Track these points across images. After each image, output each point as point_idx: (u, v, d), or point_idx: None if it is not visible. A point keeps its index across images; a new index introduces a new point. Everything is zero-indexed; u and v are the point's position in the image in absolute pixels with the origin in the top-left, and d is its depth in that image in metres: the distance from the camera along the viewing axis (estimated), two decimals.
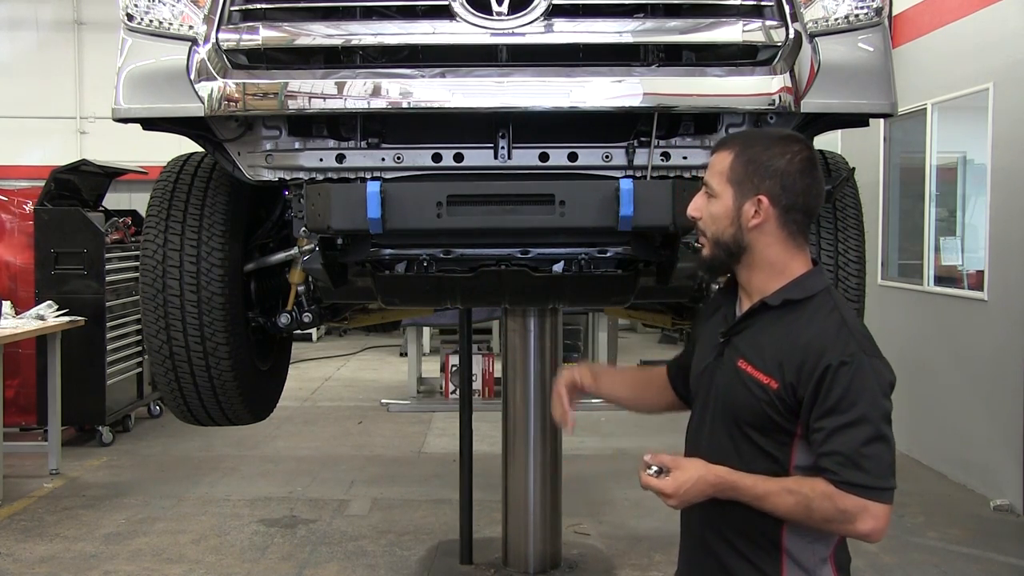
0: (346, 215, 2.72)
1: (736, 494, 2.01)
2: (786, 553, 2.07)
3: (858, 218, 3.07)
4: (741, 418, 2.08)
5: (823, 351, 1.99)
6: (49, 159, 12.26)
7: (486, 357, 9.73)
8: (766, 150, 2.09)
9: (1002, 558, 5.56)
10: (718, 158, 2.14)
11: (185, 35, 2.73)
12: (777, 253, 2.11)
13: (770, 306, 2.10)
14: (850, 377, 1.97)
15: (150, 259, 3.15)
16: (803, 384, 1.99)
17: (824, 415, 1.97)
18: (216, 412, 3.39)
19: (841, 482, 1.95)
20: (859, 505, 1.95)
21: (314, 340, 14.20)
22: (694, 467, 2.02)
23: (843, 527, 1.99)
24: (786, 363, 2.02)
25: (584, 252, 3.04)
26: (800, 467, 2.04)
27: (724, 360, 2.14)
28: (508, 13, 2.60)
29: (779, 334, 2.06)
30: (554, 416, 2.44)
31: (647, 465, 2.03)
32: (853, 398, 1.96)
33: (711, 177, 2.13)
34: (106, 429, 7.93)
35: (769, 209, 2.07)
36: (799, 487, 1.98)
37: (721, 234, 2.11)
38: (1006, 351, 6.37)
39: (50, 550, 5.53)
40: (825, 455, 1.97)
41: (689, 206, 2.17)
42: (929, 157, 7.44)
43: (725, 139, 2.22)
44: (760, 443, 2.06)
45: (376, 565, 5.36)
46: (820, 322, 2.06)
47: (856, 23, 2.72)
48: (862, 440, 1.95)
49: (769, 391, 2.03)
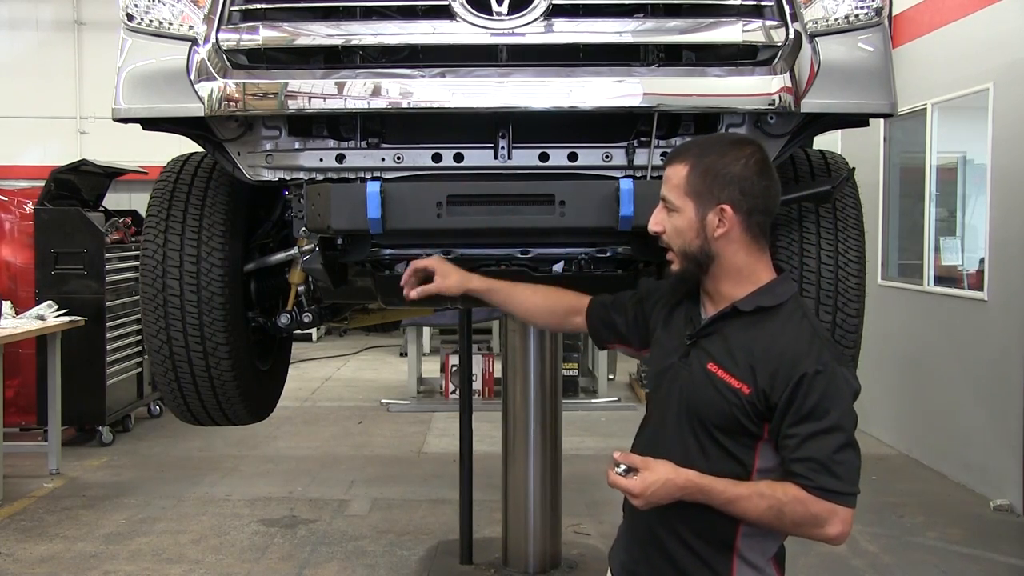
0: (346, 215, 2.71)
1: (705, 498, 2.03)
2: (737, 553, 2.12)
3: (858, 218, 3.07)
4: (709, 420, 2.10)
5: (797, 359, 2.03)
6: (49, 159, 12.27)
7: (486, 357, 9.74)
8: (721, 158, 2.12)
9: (1002, 558, 5.56)
10: (673, 171, 2.15)
11: (185, 35, 2.73)
12: (743, 259, 2.14)
13: (741, 312, 2.12)
14: (825, 385, 2.01)
15: (150, 259, 3.14)
16: (777, 391, 2.02)
17: (798, 422, 2.01)
18: (216, 412, 3.39)
19: (815, 488, 1.99)
20: (830, 510, 1.99)
21: (314, 340, 14.20)
22: (663, 469, 2.03)
23: (812, 531, 2.03)
24: (759, 369, 2.05)
25: (584, 252, 3.04)
26: (762, 470, 2.08)
27: (690, 362, 2.16)
28: (508, 13, 2.60)
29: (751, 340, 2.09)
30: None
31: (615, 463, 2.06)
32: (827, 406, 2.00)
33: (669, 192, 2.15)
34: (106, 429, 7.93)
35: (733, 217, 2.10)
36: (771, 492, 2.01)
37: (688, 246, 2.14)
38: (1006, 351, 6.37)
39: (50, 550, 5.53)
40: (798, 460, 2.00)
41: (650, 221, 2.20)
42: (929, 157, 7.44)
43: (677, 151, 2.23)
44: (726, 445, 2.09)
45: (376, 565, 5.36)
46: (793, 330, 2.09)
47: (856, 23, 2.71)
48: (835, 447, 2.00)
49: (740, 395, 2.05)
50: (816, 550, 5.54)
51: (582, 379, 10.18)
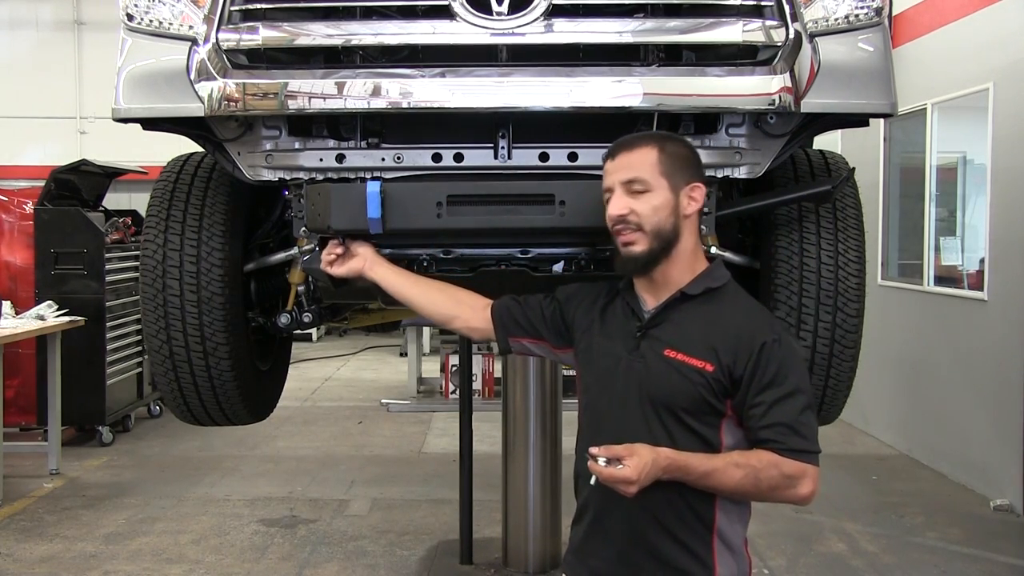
0: (346, 215, 2.71)
1: (684, 474, 2.08)
2: (717, 535, 2.18)
3: (858, 218, 3.06)
4: (675, 404, 2.16)
5: (753, 332, 2.15)
6: (49, 159, 12.27)
7: (486, 357, 9.73)
8: (676, 143, 2.30)
9: (1002, 558, 5.56)
10: (640, 155, 2.25)
11: (185, 35, 2.73)
12: (692, 242, 2.28)
13: (689, 296, 2.23)
14: (782, 353, 2.14)
15: (150, 259, 3.14)
16: (740, 363, 2.12)
17: (762, 389, 2.11)
18: (216, 412, 3.39)
19: (786, 449, 2.09)
20: (801, 469, 2.10)
21: (314, 340, 14.21)
22: (646, 451, 2.06)
23: (787, 492, 2.11)
24: (719, 347, 2.15)
25: (584, 252, 3.04)
26: (729, 446, 2.16)
27: (643, 353, 2.22)
28: (508, 13, 2.60)
29: (705, 320, 2.20)
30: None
31: (594, 457, 2.05)
32: (786, 372, 2.13)
33: (641, 172, 2.23)
34: (106, 429, 7.93)
35: (703, 196, 2.26)
36: (745, 460, 2.09)
37: (663, 225, 2.22)
38: (1006, 351, 6.37)
39: (50, 550, 5.53)
40: (766, 427, 2.10)
41: (612, 209, 2.27)
42: (929, 157, 7.45)
43: (627, 142, 2.32)
44: (693, 426, 2.15)
45: (376, 565, 5.36)
46: (742, 306, 2.25)
47: (856, 23, 2.71)
48: (799, 409, 2.12)
49: (705, 374, 2.14)
50: (816, 550, 5.55)
51: None
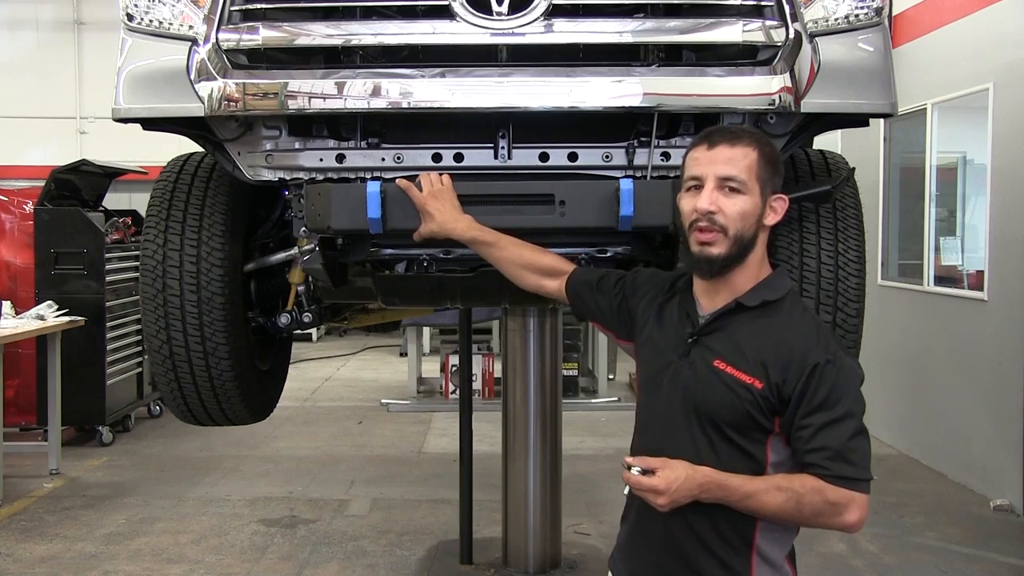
0: (346, 215, 2.72)
1: (724, 494, 2.02)
2: (756, 551, 2.10)
3: (858, 218, 3.06)
4: (720, 417, 2.08)
5: (807, 351, 2.04)
6: (49, 159, 12.27)
7: (486, 357, 9.74)
8: (774, 148, 2.17)
9: (1002, 558, 5.56)
10: (743, 152, 2.11)
11: (185, 35, 2.73)
12: (762, 252, 2.18)
13: (746, 307, 2.13)
14: (835, 375, 2.03)
15: (150, 259, 3.14)
16: (790, 383, 2.03)
17: (811, 412, 2.02)
18: (216, 412, 3.39)
19: (832, 476, 1.99)
20: (847, 497, 2.00)
21: (314, 340, 14.21)
22: (681, 467, 2.02)
23: (831, 520, 2.03)
24: (770, 363, 2.05)
25: (584, 252, 3.04)
26: (775, 464, 2.08)
27: (693, 359, 2.14)
28: (508, 13, 2.60)
29: (758, 335, 2.09)
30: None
31: (628, 467, 2.04)
32: (839, 395, 2.02)
33: (741, 171, 2.10)
34: (106, 429, 7.93)
35: (784, 209, 2.16)
36: (788, 484, 2.01)
37: (745, 232, 2.11)
38: (1006, 351, 6.37)
39: (50, 550, 5.53)
40: (813, 451, 2.01)
41: (702, 202, 2.11)
42: (929, 157, 7.44)
43: (737, 131, 2.21)
44: (738, 442, 2.08)
45: (376, 565, 5.36)
46: (798, 323, 2.12)
47: (856, 23, 2.71)
48: (849, 435, 2.01)
49: (753, 391, 2.05)
50: (816, 550, 5.55)
51: (582, 379, 10.18)
